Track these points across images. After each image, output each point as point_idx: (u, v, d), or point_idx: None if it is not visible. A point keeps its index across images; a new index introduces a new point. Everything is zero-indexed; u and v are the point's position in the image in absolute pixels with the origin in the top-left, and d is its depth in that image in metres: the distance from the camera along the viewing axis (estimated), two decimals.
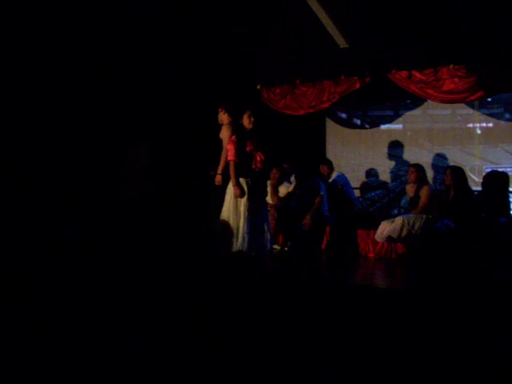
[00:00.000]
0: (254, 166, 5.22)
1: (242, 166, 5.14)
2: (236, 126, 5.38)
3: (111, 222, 6.24)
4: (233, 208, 5.13)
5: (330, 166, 7.05)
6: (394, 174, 7.60)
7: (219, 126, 5.66)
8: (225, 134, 5.50)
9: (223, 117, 5.61)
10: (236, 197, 5.12)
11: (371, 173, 7.76)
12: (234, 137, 5.23)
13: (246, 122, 5.26)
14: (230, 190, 5.19)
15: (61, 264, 4.85)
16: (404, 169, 7.34)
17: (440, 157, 7.25)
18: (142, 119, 6.86)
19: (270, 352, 2.83)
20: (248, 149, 5.18)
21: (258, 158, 5.25)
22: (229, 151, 5.18)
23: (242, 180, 5.16)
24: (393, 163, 7.63)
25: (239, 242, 5.06)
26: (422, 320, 3.32)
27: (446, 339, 2.98)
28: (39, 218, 5.68)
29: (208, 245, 5.49)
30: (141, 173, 6.96)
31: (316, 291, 4.13)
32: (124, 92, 6.48)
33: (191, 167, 6.83)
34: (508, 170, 6.51)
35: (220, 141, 5.58)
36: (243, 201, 5.12)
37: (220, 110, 5.63)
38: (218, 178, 5.44)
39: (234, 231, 5.10)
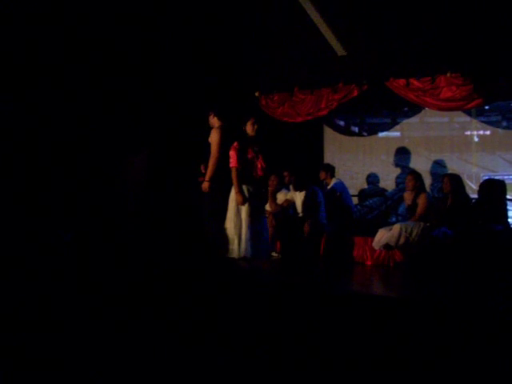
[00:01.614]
0: (254, 174, 5.21)
1: (244, 172, 5.13)
2: (237, 132, 5.32)
3: (110, 225, 6.24)
4: (234, 215, 5.12)
5: (328, 171, 7.03)
6: (392, 181, 7.61)
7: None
8: (213, 138, 5.35)
9: (213, 121, 5.49)
10: (238, 204, 5.11)
11: (369, 180, 7.76)
12: (236, 143, 5.19)
13: (250, 129, 5.26)
14: (233, 197, 5.17)
15: (60, 267, 4.86)
16: (402, 176, 7.34)
17: (437, 164, 7.25)
18: (141, 125, 6.88)
19: (266, 358, 2.83)
20: (249, 156, 5.18)
21: (259, 166, 5.26)
22: (231, 158, 5.14)
23: (244, 187, 5.14)
24: (390, 171, 7.64)
25: (242, 248, 5.05)
26: (419, 328, 3.32)
27: (444, 347, 2.97)
28: (39, 222, 5.68)
29: (204, 249, 5.47)
30: (140, 178, 6.97)
31: (313, 299, 4.12)
32: (124, 98, 6.50)
33: (190, 173, 6.84)
34: (505, 177, 6.52)
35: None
36: (245, 208, 5.12)
37: (210, 113, 5.52)
38: (205, 185, 5.27)
39: (236, 238, 5.09)
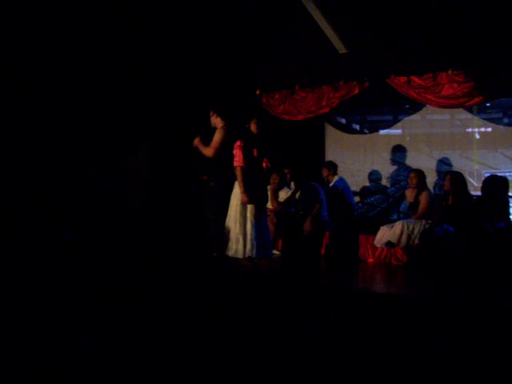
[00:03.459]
0: (259, 173, 5.20)
1: (249, 171, 5.11)
2: (240, 131, 5.30)
3: (110, 224, 6.25)
4: (240, 214, 5.09)
5: (330, 169, 7.03)
6: (393, 178, 7.60)
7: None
8: (215, 137, 5.31)
9: (215, 120, 5.43)
10: (244, 203, 5.08)
11: (370, 178, 7.75)
12: (240, 142, 5.17)
13: (254, 127, 5.26)
14: (236, 195, 5.15)
15: (62, 267, 4.87)
16: (403, 174, 7.33)
17: (439, 162, 7.24)
18: (142, 123, 6.87)
19: (268, 356, 2.84)
20: (255, 155, 5.17)
21: (264, 165, 5.25)
22: (236, 157, 5.12)
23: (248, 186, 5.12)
24: (392, 168, 7.63)
25: (248, 248, 5.03)
26: (421, 326, 3.32)
27: (445, 345, 2.97)
28: (39, 221, 5.69)
29: (206, 248, 5.46)
30: (140, 176, 6.97)
31: (315, 296, 4.12)
32: (124, 95, 6.49)
33: (190, 171, 6.83)
34: (507, 174, 6.50)
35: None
36: (250, 207, 5.10)
37: (211, 113, 5.46)
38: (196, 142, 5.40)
39: (241, 237, 5.06)
